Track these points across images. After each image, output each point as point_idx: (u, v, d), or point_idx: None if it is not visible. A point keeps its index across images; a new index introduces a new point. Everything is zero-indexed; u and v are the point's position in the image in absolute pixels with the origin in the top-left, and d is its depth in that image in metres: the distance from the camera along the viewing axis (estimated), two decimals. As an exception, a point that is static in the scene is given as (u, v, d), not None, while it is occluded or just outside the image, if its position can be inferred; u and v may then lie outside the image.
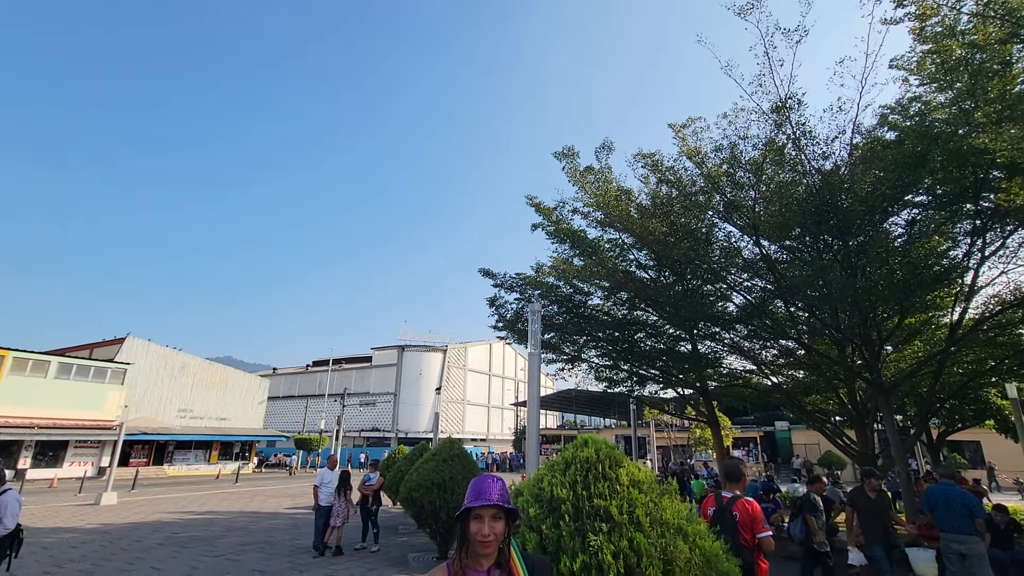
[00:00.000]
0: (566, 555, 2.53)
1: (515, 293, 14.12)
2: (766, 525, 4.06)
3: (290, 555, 9.54)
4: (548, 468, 3.11)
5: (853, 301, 8.12)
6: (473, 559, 1.92)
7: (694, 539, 2.73)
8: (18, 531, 5.53)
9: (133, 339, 34.61)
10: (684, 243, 11.03)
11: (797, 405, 13.63)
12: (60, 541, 10.90)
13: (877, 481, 7.03)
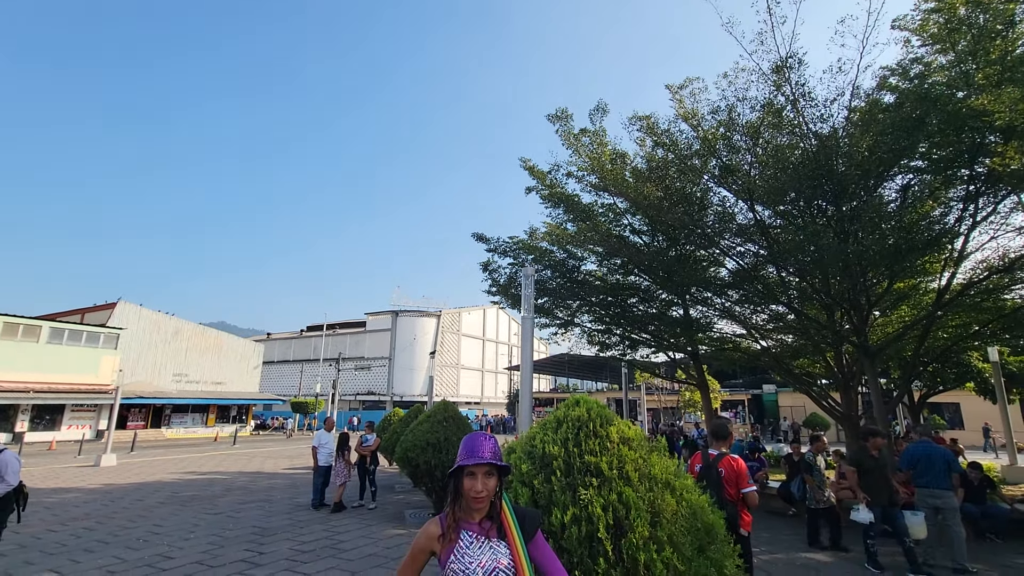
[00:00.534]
0: (557, 508, 2.61)
1: (508, 258, 14.10)
2: (751, 481, 4.22)
3: (289, 512, 9.80)
4: (540, 426, 3.18)
5: (844, 266, 8.18)
6: (466, 513, 1.98)
7: (681, 493, 2.83)
8: (21, 487, 5.66)
9: (124, 304, 34.43)
10: (678, 208, 10.98)
11: (785, 368, 13.91)
12: (62, 501, 11.12)
13: (881, 440, 6.99)
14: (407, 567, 1.99)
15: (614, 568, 2.43)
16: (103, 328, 31.96)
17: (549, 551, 2.03)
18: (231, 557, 6.81)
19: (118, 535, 8.05)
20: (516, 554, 1.92)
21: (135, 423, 32.92)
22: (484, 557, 1.89)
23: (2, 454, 5.62)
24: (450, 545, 1.92)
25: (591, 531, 2.52)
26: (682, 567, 2.49)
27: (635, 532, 2.50)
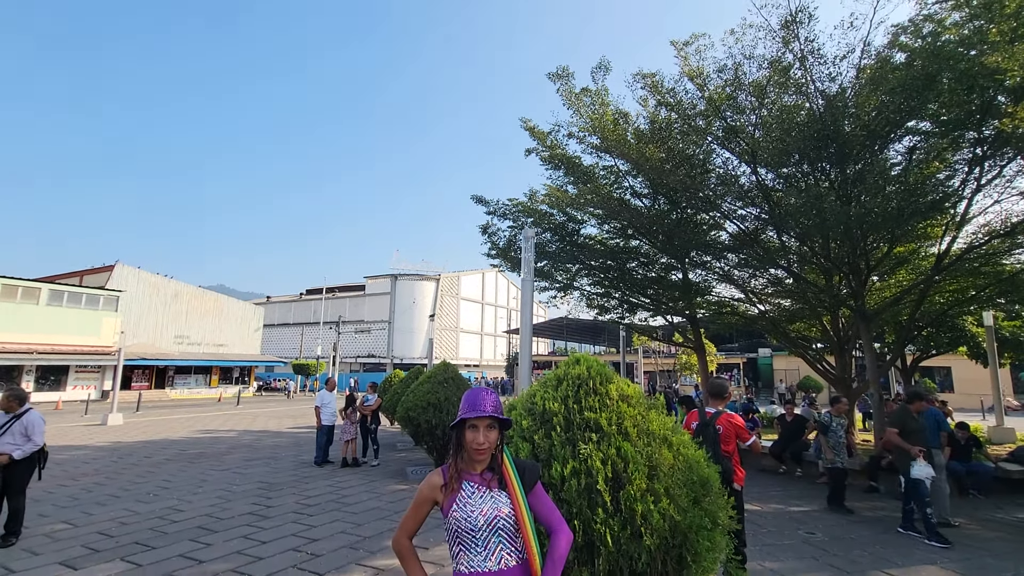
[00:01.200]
0: (557, 462, 2.68)
1: (508, 221, 13.99)
2: (750, 432, 4.35)
3: (294, 469, 10.08)
4: (541, 384, 3.23)
5: (846, 229, 8.14)
6: (468, 464, 2.04)
7: (678, 448, 2.90)
8: (42, 446, 5.85)
9: (122, 266, 34.35)
10: (681, 170, 10.83)
11: (781, 332, 14.05)
12: (72, 457, 11.40)
13: (924, 403, 6.80)
14: (411, 516, 2.05)
15: (612, 518, 2.51)
16: (102, 290, 31.99)
17: (548, 501, 2.09)
18: (239, 510, 7.04)
19: (128, 490, 8.29)
20: (516, 503, 1.98)
21: (139, 384, 33.41)
22: (486, 506, 1.94)
23: (29, 413, 5.77)
24: (452, 495, 1.98)
25: (590, 483, 2.60)
26: (678, 517, 2.58)
27: (633, 484, 2.58)
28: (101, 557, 5.26)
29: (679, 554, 2.60)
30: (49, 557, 5.26)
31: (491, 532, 1.92)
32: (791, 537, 6.02)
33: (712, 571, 2.69)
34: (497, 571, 1.89)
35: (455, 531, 1.94)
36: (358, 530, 6.18)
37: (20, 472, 5.64)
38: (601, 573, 2.49)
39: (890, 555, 5.44)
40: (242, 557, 5.25)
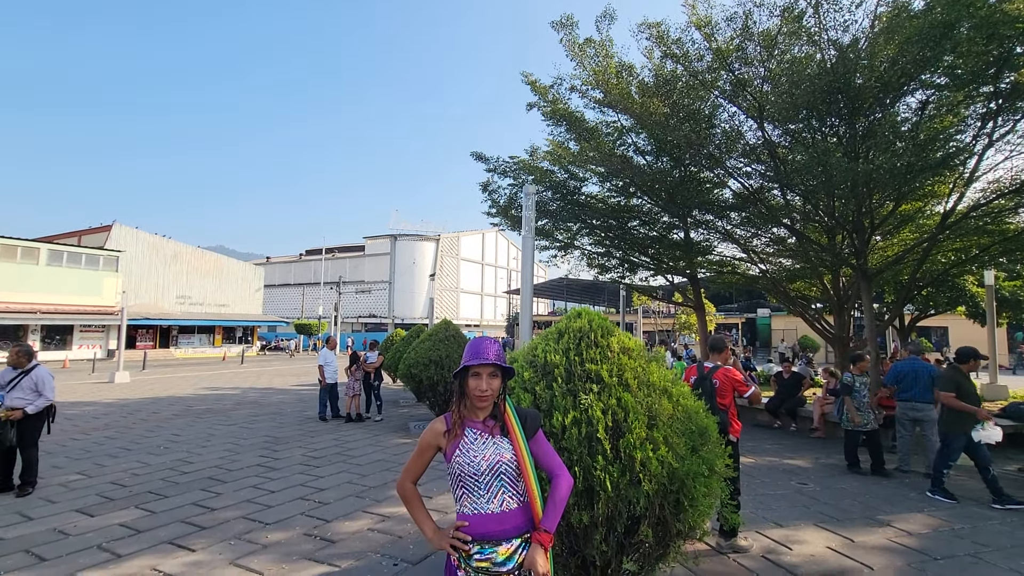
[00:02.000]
0: (558, 412, 2.72)
1: (509, 178, 13.77)
2: (748, 383, 4.41)
3: (300, 424, 10.31)
4: (542, 337, 3.24)
5: (852, 186, 8.00)
6: (470, 412, 2.06)
7: (677, 399, 2.94)
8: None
9: (120, 227, 34.14)
10: (685, 125, 10.57)
11: (781, 291, 14.07)
12: (82, 413, 11.65)
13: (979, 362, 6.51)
14: (414, 461, 2.09)
15: (612, 465, 2.57)
16: (102, 250, 31.91)
17: (549, 447, 2.13)
18: (247, 462, 7.24)
19: (139, 443, 8.51)
20: (518, 449, 2.01)
21: (144, 343, 33.80)
22: (488, 452, 1.98)
23: (37, 369, 5.86)
24: (455, 440, 2.01)
25: (590, 432, 2.64)
26: (676, 464, 2.64)
27: (633, 433, 2.62)
28: (116, 505, 5.44)
29: (676, 499, 2.68)
30: (65, 505, 5.44)
31: (494, 476, 1.96)
32: (784, 488, 6.20)
33: (708, 515, 2.77)
34: (500, 513, 1.94)
35: (458, 475, 1.98)
36: (363, 480, 6.37)
37: (32, 425, 5.79)
38: (600, 517, 2.57)
39: (879, 504, 5.62)
40: (252, 505, 5.43)
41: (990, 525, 5.00)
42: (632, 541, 2.67)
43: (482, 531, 1.93)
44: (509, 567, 1.91)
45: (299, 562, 4.07)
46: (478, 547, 1.92)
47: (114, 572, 3.91)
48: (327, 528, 4.79)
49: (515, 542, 1.94)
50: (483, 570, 1.91)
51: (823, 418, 9.46)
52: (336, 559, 4.12)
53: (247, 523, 4.92)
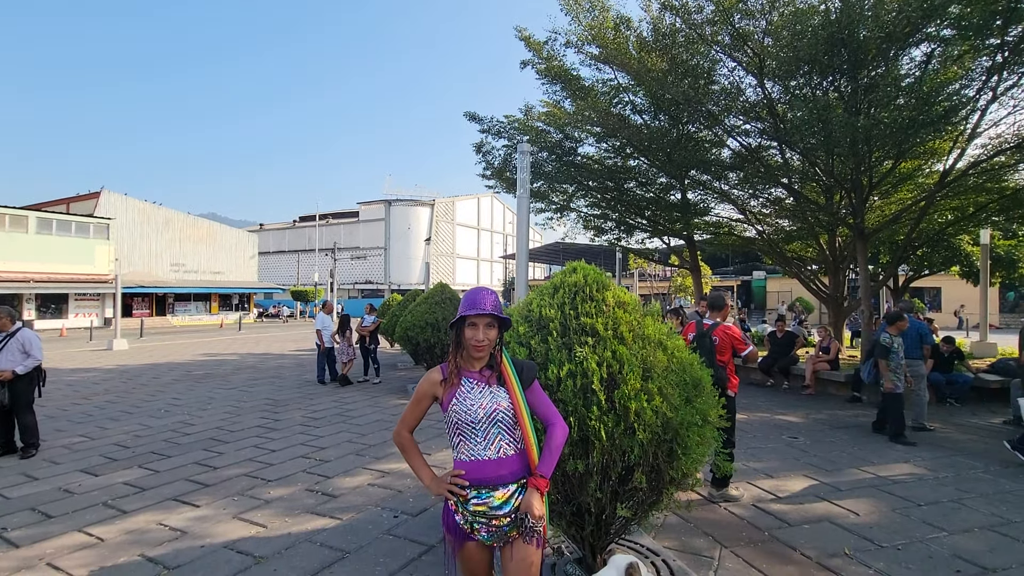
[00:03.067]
0: (553, 364, 2.73)
1: (503, 139, 13.50)
2: (746, 342, 4.44)
3: (299, 387, 10.42)
4: (537, 293, 3.23)
5: (852, 142, 7.88)
6: (467, 362, 2.06)
7: (672, 351, 2.95)
8: (40, 363, 5.98)
9: (108, 193, 33.56)
10: (684, 81, 10.30)
11: (777, 252, 14.08)
12: (82, 379, 11.72)
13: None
14: (411, 410, 2.10)
15: (607, 415, 2.59)
16: (92, 218, 31.47)
17: (545, 397, 2.15)
18: (248, 423, 7.34)
19: (139, 407, 8.59)
20: (515, 398, 2.02)
21: (140, 311, 33.78)
22: (485, 400, 1.99)
23: (22, 331, 5.84)
24: (452, 389, 2.01)
25: (586, 384, 2.66)
26: (670, 414, 2.67)
27: (628, 384, 2.64)
28: (119, 465, 5.53)
29: (670, 448, 2.72)
30: (69, 466, 5.52)
31: (491, 424, 1.97)
32: (775, 441, 6.35)
33: (700, 463, 2.83)
34: (497, 459, 1.97)
35: (455, 423, 1.99)
36: (363, 439, 6.47)
37: (23, 388, 5.79)
38: (595, 465, 2.61)
39: (867, 455, 5.77)
40: (254, 463, 5.53)
41: (973, 474, 5.16)
42: (626, 488, 2.72)
43: (479, 476, 1.95)
44: (506, 510, 1.95)
45: (301, 515, 4.17)
46: (475, 492, 1.95)
47: (120, 527, 4.00)
48: (328, 484, 4.90)
49: (511, 487, 1.97)
50: (480, 514, 1.95)
51: (815, 376, 9.62)
52: (337, 512, 4.22)
53: (249, 480, 5.02)
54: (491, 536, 1.96)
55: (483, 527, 1.95)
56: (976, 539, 3.73)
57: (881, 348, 6.57)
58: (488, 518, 1.94)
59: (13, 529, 3.97)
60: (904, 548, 3.57)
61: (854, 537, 3.74)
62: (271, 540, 3.74)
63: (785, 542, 3.68)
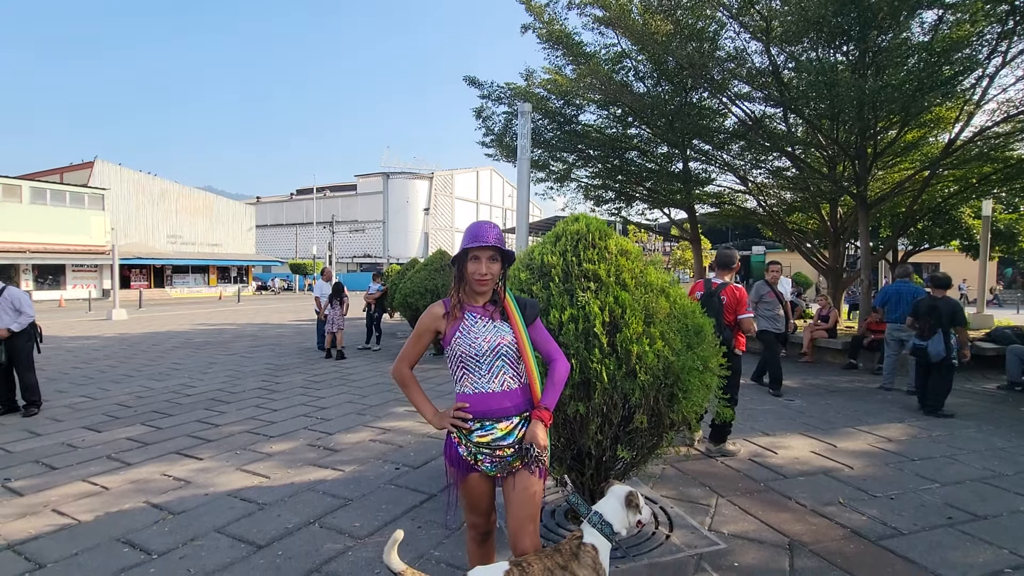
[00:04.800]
0: (555, 309, 2.72)
1: (503, 105, 13.26)
2: (749, 309, 4.45)
3: (299, 354, 10.46)
4: (539, 242, 3.20)
5: (859, 106, 7.74)
6: (469, 296, 2.04)
7: (675, 299, 2.94)
8: (34, 319, 5.98)
9: (102, 163, 33.11)
10: (689, 45, 10.07)
11: (778, 224, 14.01)
12: (82, 346, 11.75)
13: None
14: (411, 345, 2.08)
15: (608, 358, 2.59)
16: (87, 188, 31.12)
17: (547, 334, 2.13)
18: (249, 386, 7.38)
19: (140, 371, 8.63)
20: (518, 333, 2.01)
21: (138, 283, 33.72)
22: (489, 334, 1.97)
23: (8, 290, 5.80)
24: (455, 323, 1.99)
25: (587, 328, 2.65)
26: (672, 358, 2.67)
27: (630, 328, 2.64)
28: (122, 422, 5.57)
29: (670, 392, 2.73)
30: (72, 423, 5.57)
31: (495, 357, 1.96)
32: (772, 404, 6.42)
33: (700, 408, 2.85)
34: (500, 392, 1.96)
35: (459, 356, 1.98)
36: (364, 400, 6.52)
37: (21, 345, 5.80)
38: (597, 407, 2.63)
39: (861, 416, 5.83)
40: (255, 422, 5.58)
41: (967, 433, 5.23)
42: (626, 431, 2.75)
43: (483, 409, 1.95)
44: (509, 441, 1.95)
45: (304, 467, 4.22)
46: (479, 424, 1.95)
47: (124, 477, 4.04)
48: (330, 440, 4.95)
49: (515, 419, 1.98)
50: (484, 445, 1.95)
51: (812, 344, 9.68)
52: (339, 465, 4.27)
53: (251, 436, 5.07)
54: (495, 466, 1.97)
55: (487, 458, 1.96)
56: (968, 490, 3.79)
57: (961, 313, 5.86)
58: (492, 449, 1.95)
59: (17, 479, 4.01)
60: (897, 498, 3.64)
61: (848, 488, 3.81)
62: (274, 489, 3.80)
63: (780, 492, 3.74)
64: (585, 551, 1.87)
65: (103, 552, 2.93)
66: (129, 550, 2.95)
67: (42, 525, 3.25)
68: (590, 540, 1.90)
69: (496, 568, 1.76)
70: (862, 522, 3.27)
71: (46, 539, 3.08)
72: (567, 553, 1.86)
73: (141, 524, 3.26)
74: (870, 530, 3.17)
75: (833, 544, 3.00)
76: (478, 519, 2.09)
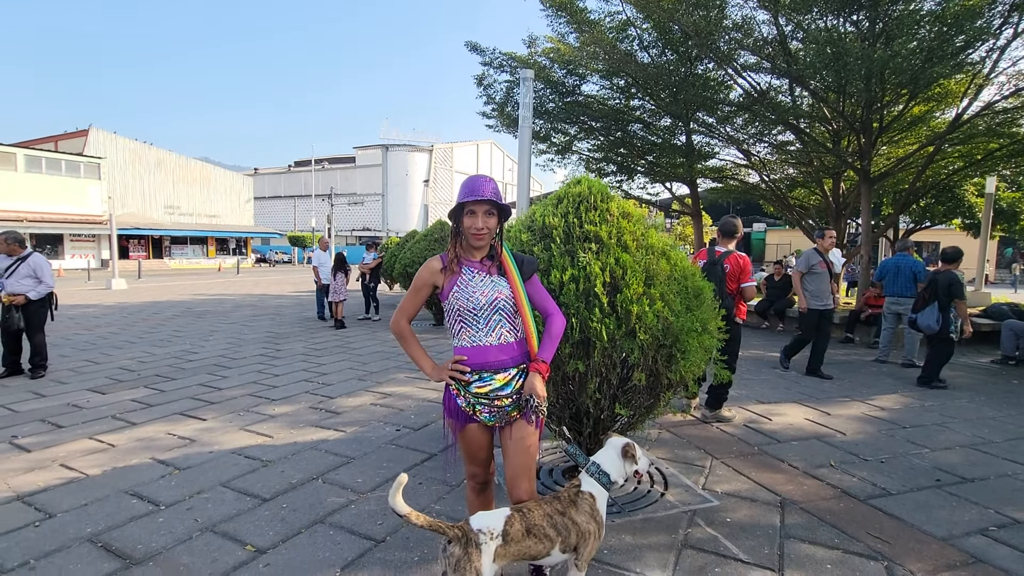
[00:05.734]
0: (556, 269, 2.73)
1: (505, 74, 13.03)
2: (752, 277, 4.47)
3: (299, 323, 10.52)
4: (540, 204, 3.19)
5: (867, 75, 7.61)
6: (466, 251, 2.04)
7: (675, 261, 2.95)
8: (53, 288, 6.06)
9: (97, 131, 32.62)
10: (695, 12, 9.84)
11: (780, 199, 13.93)
12: (84, 313, 11.80)
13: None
14: (409, 299, 2.10)
15: (608, 318, 2.62)
16: (82, 156, 30.74)
17: (544, 290, 2.15)
18: (250, 352, 7.45)
19: (142, 337, 8.69)
20: (515, 288, 2.02)
21: (137, 254, 33.62)
22: (487, 289, 1.98)
23: (33, 256, 5.88)
24: (453, 277, 2.00)
25: (588, 288, 2.67)
26: (671, 319, 2.70)
27: (630, 289, 2.65)
28: (125, 385, 5.64)
29: (669, 353, 2.77)
30: (77, 385, 5.63)
31: (492, 311, 1.98)
32: (767, 374, 6.50)
33: (699, 368, 2.88)
34: (498, 345, 1.98)
35: (457, 310, 1.99)
36: (364, 367, 6.59)
37: (36, 311, 5.88)
38: (596, 366, 2.66)
39: (855, 387, 5.92)
40: (258, 386, 5.64)
41: (959, 403, 5.31)
42: (624, 390, 2.79)
43: (481, 361, 1.98)
44: (507, 392, 1.99)
45: (306, 428, 4.30)
46: (477, 376, 1.98)
47: (130, 435, 4.11)
48: (331, 403, 5.02)
49: (512, 371, 2.00)
50: (483, 395, 1.98)
51: None
52: (341, 426, 4.34)
53: (254, 399, 5.13)
54: (493, 417, 2.01)
55: (485, 408, 1.99)
56: (957, 455, 3.87)
57: (958, 285, 5.78)
58: (490, 399, 1.98)
59: (24, 437, 4.08)
60: (888, 461, 3.72)
61: (840, 452, 3.89)
62: (277, 448, 3.87)
63: (774, 455, 3.82)
64: (583, 498, 1.92)
65: (112, 503, 3.00)
66: (137, 501, 3.02)
67: (51, 478, 3.33)
68: (588, 488, 1.95)
69: (498, 513, 1.81)
70: (852, 483, 3.35)
71: (55, 491, 3.15)
72: (566, 500, 1.92)
73: (148, 478, 3.34)
74: (860, 490, 3.25)
75: (823, 503, 3.08)
76: (477, 469, 2.14)
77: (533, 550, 1.81)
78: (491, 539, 1.71)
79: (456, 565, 1.66)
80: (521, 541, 1.77)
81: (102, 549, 2.55)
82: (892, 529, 2.79)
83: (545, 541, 1.81)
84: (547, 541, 1.82)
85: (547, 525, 1.83)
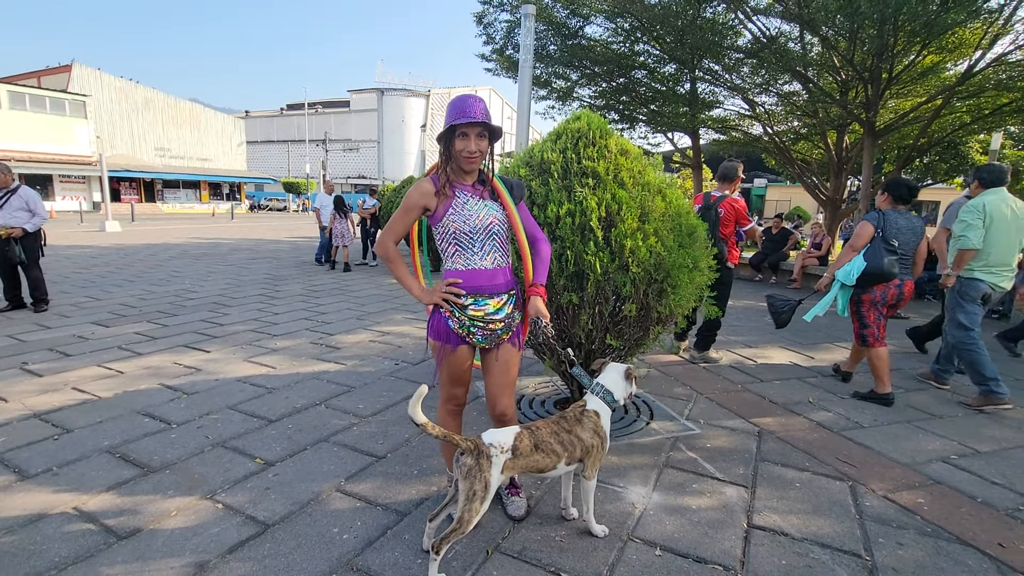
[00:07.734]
0: (553, 204, 2.78)
1: (506, 13, 12.52)
2: (749, 217, 4.53)
3: (297, 266, 10.57)
4: (539, 141, 3.20)
5: (880, 21, 7.40)
6: (457, 175, 2.02)
7: (671, 200, 3.00)
8: None
9: (80, 67, 31.40)
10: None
11: (783, 151, 13.77)
12: (79, 253, 11.79)
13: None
14: (399, 220, 2.04)
15: (602, 251, 2.69)
16: (68, 94, 29.71)
17: (530, 215, 2.21)
18: (249, 292, 7.54)
19: (141, 277, 8.75)
20: (510, 211, 2.07)
21: (128, 197, 33.12)
22: (482, 213, 2.01)
23: (22, 189, 5.84)
24: (447, 201, 2.00)
25: (584, 222, 2.73)
26: (664, 254, 2.78)
27: (625, 223, 2.71)
28: (128, 320, 5.75)
29: (660, 288, 2.86)
30: (80, 319, 5.74)
31: (487, 236, 2.02)
32: (756, 321, 6.66)
33: (688, 303, 2.98)
34: (491, 269, 2.04)
35: (452, 233, 2.00)
36: (362, 308, 6.71)
37: (31, 245, 5.91)
38: (589, 297, 2.76)
39: (842, 334, 6.09)
40: (258, 323, 5.77)
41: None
42: (616, 322, 2.90)
43: (474, 285, 2.02)
44: (500, 316, 2.07)
45: (307, 360, 4.44)
46: (472, 299, 2.02)
47: (137, 364, 4.25)
48: (331, 339, 5.16)
49: (503, 296, 2.08)
50: (478, 319, 2.04)
51: (802, 270, 9.86)
52: (341, 360, 4.49)
53: (256, 334, 5.26)
54: (485, 339, 2.07)
55: (479, 331, 2.05)
56: (930, 395, 4.07)
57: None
58: (484, 323, 2.05)
59: (34, 363, 4.21)
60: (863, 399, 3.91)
61: (819, 391, 4.08)
62: (280, 377, 4.02)
63: (756, 392, 4.00)
64: (588, 416, 2.05)
65: (126, 421, 3.16)
66: (149, 420, 3.18)
67: (64, 399, 3.47)
68: (593, 407, 2.08)
69: (508, 431, 1.91)
70: (827, 417, 3.55)
71: (70, 410, 3.30)
72: (572, 419, 2.05)
73: (158, 401, 3.49)
74: (833, 423, 3.45)
75: (798, 433, 3.27)
76: (459, 390, 2.18)
77: (540, 464, 1.94)
78: (501, 453, 1.83)
79: (467, 474, 1.79)
80: (529, 456, 1.90)
81: (120, 459, 2.71)
82: (860, 455, 2.99)
83: (552, 456, 1.95)
84: (553, 456, 1.95)
85: (554, 441, 1.96)
